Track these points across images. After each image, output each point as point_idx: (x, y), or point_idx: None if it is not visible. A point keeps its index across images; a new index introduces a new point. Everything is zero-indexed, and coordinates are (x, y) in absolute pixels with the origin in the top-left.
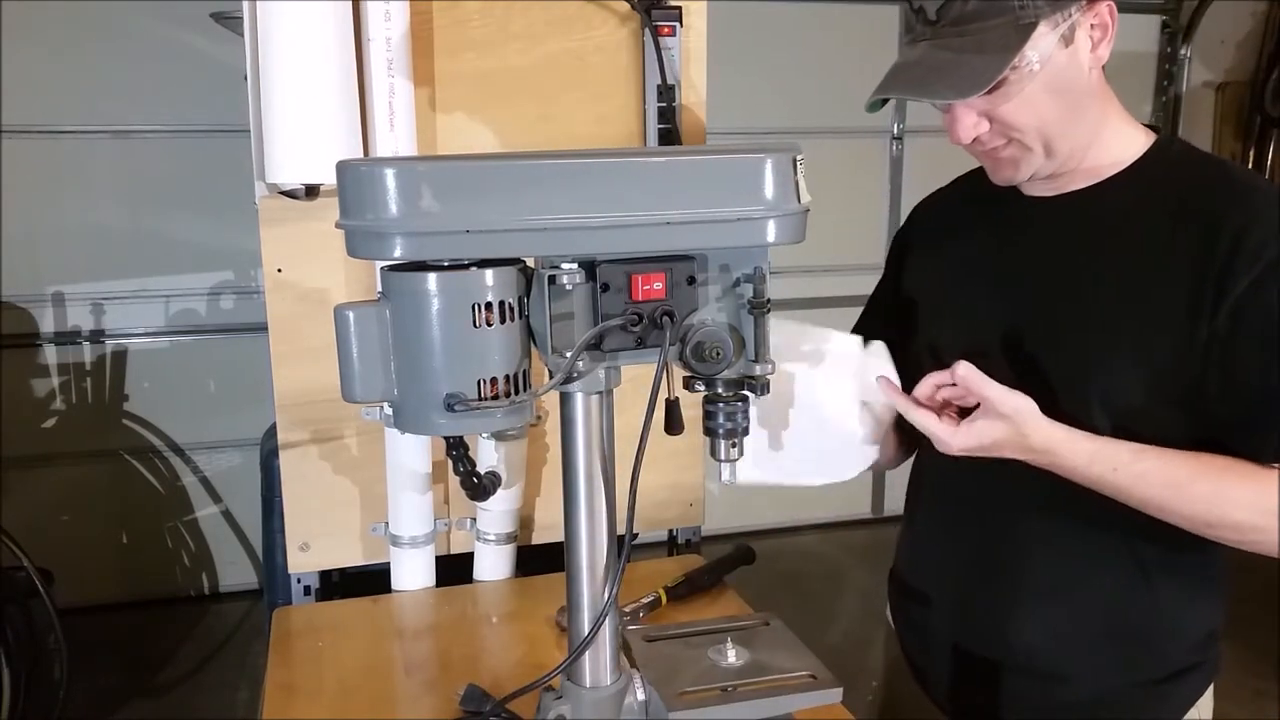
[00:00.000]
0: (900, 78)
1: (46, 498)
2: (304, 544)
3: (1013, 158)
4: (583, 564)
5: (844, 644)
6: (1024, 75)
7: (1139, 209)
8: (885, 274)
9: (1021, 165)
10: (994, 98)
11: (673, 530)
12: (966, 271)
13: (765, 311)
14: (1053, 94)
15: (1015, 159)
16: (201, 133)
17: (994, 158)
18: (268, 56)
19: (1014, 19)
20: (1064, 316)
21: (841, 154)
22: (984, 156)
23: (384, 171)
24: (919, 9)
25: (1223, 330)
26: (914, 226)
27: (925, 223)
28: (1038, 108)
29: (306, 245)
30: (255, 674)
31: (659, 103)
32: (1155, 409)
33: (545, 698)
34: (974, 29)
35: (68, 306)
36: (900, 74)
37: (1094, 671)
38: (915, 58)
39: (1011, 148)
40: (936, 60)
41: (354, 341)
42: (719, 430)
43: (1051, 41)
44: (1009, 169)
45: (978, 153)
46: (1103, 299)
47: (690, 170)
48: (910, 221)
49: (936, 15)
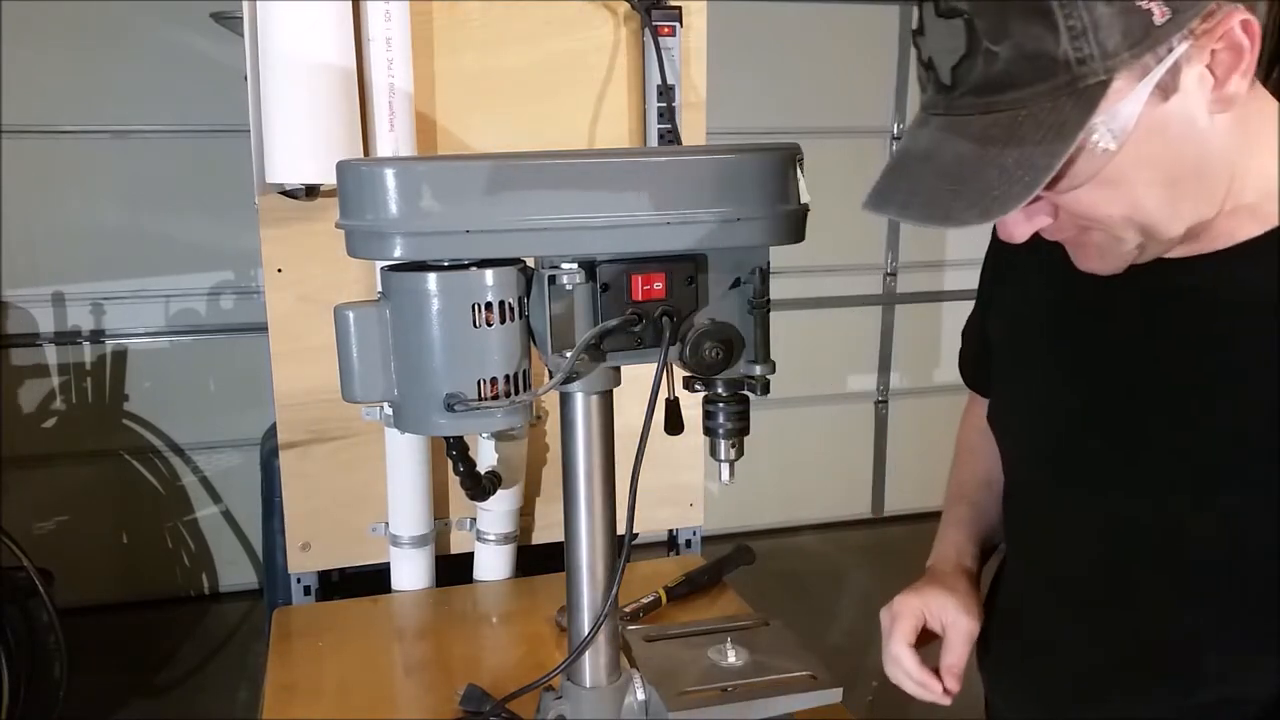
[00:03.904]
0: (901, 184)
1: (46, 498)
2: (304, 544)
3: (1097, 248)
4: (583, 564)
5: (844, 644)
6: (1097, 159)
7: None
8: (982, 276)
9: (1109, 258)
10: (1051, 189)
11: (673, 530)
12: (1047, 323)
13: (765, 311)
14: (1150, 168)
15: (1101, 250)
16: (201, 133)
17: (1072, 245)
18: (268, 56)
19: (1069, 80)
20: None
21: (841, 154)
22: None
23: (384, 171)
24: (928, 62)
25: None
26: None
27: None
28: (1126, 192)
29: (306, 245)
30: (255, 674)
31: (659, 103)
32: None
33: (545, 698)
34: (1007, 101)
35: (68, 306)
36: (902, 176)
37: None
38: (923, 147)
39: (1094, 236)
40: (951, 155)
41: (354, 341)
42: (719, 430)
43: (1139, 99)
44: (1093, 259)
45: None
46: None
47: (690, 170)
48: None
49: (952, 78)
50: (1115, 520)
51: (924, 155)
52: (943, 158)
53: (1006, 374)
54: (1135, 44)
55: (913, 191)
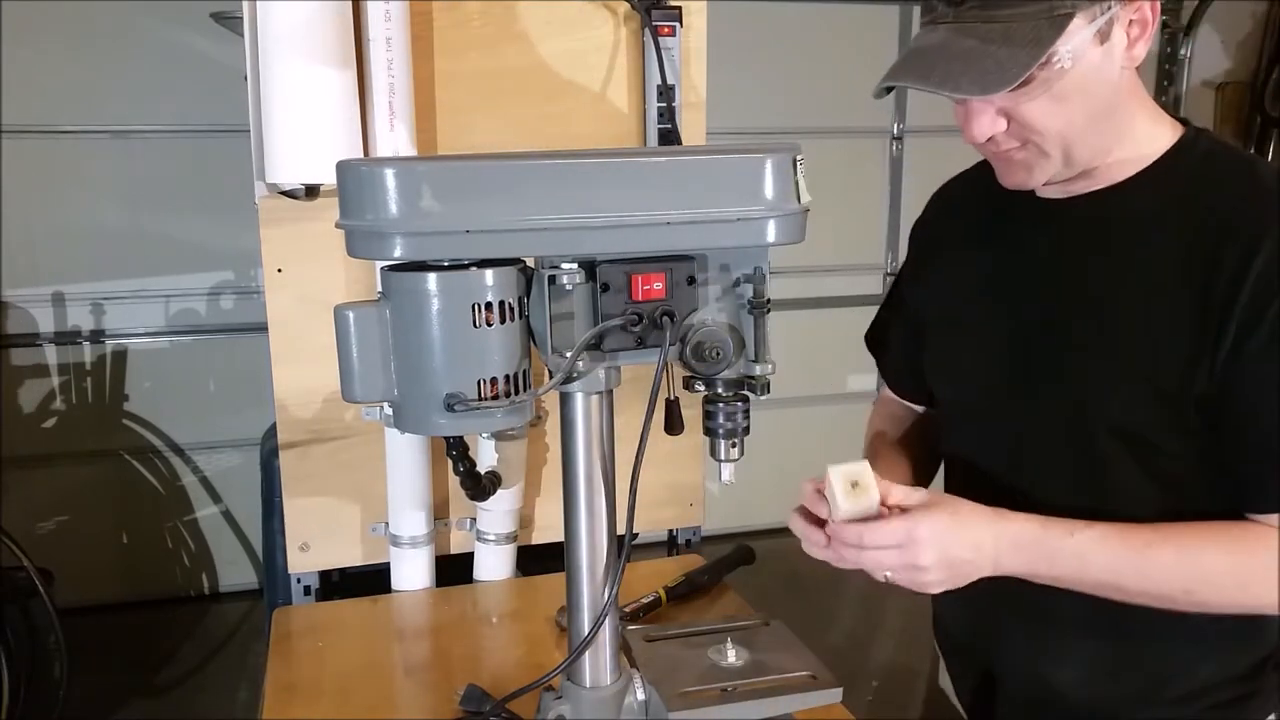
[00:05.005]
0: (915, 65)
1: (46, 498)
2: (304, 544)
3: (1026, 162)
4: (583, 564)
5: (844, 644)
6: (1053, 73)
7: (1155, 215)
8: (903, 269)
9: (1035, 171)
10: (1017, 95)
11: (673, 530)
12: (975, 280)
13: (765, 311)
14: (1081, 95)
15: (1029, 163)
16: (201, 133)
17: (1006, 159)
18: (268, 56)
19: (1048, 8)
20: (1071, 335)
21: (841, 154)
22: (995, 157)
23: (384, 171)
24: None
25: (1226, 357)
26: (929, 220)
27: (940, 218)
28: (1063, 110)
29: (306, 245)
30: (255, 674)
31: (659, 103)
32: (1168, 442)
33: (545, 698)
34: (1003, 15)
35: (68, 306)
36: (916, 61)
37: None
38: (934, 43)
39: (1027, 151)
40: (958, 48)
41: (354, 341)
42: (719, 430)
43: (1086, 37)
44: (1021, 173)
45: (989, 152)
46: (1113, 317)
47: (690, 170)
48: (926, 213)
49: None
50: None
51: (938, 47)
52: (952, 49)
53: (942, 332)
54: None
55: (928, 67)
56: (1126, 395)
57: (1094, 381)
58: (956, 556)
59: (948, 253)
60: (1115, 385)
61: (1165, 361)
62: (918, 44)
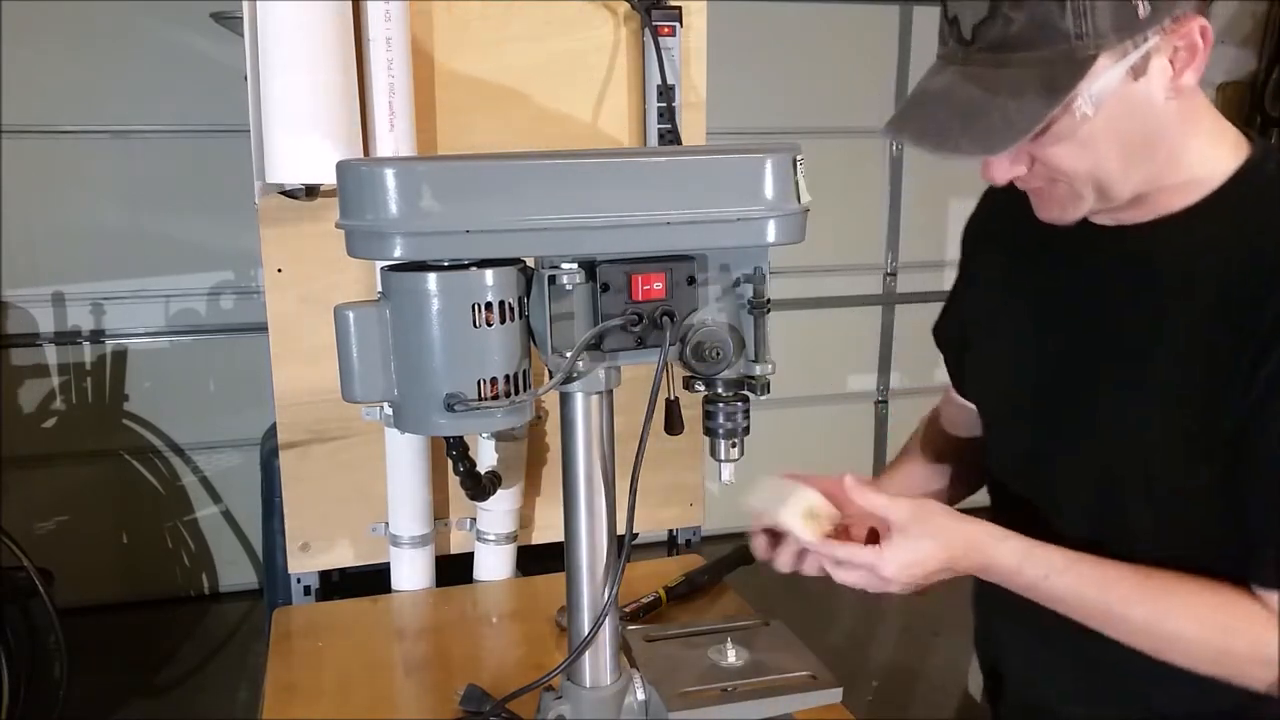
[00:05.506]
0: (915, 116)
1: (46, 498)
2: (304, 544)
3: (1059, 199)
4: (583, 564)
5: (844, 644)
6: (1075, 120)
7: (1205, 250)
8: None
9: (1069, 209)
10: (1036, 140)
11: (673, 530)
12: (1016, 297)
13: (765, 311)
14: (1112, 136)
15: (1062, 201)
16: (201, 133)
17: (1037, 195)
18: (268, 56)
19: (1066, 51)
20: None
21: (841, 154)
22: (1027, 190)
23: (384, 171)
24: (953, 19)
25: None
26: (980, 218)
27: (989, 219)
28: (1090, 153)
29: (306, 245)
30: (255, 674)
31: (659, 103)
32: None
33: (545, 698)
34: (1016, 59)
35: (68, 306)
36: (916, 110)
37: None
38: (939, 88)
39: (1059, 188)
40: (962, 97)
41: (354, 341)
42: (719, 430)
43: (1115, 76)
44: (1055, 209)
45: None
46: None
47: (690, 170)
48: (979, 210)
49: (972, 34)
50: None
51: (940, 94)
52: (956, 98)
53: (981, 340)
54: (1121, 30)
55: (927, 122)
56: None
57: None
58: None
59: (993, 257)
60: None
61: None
62: (923, 86)
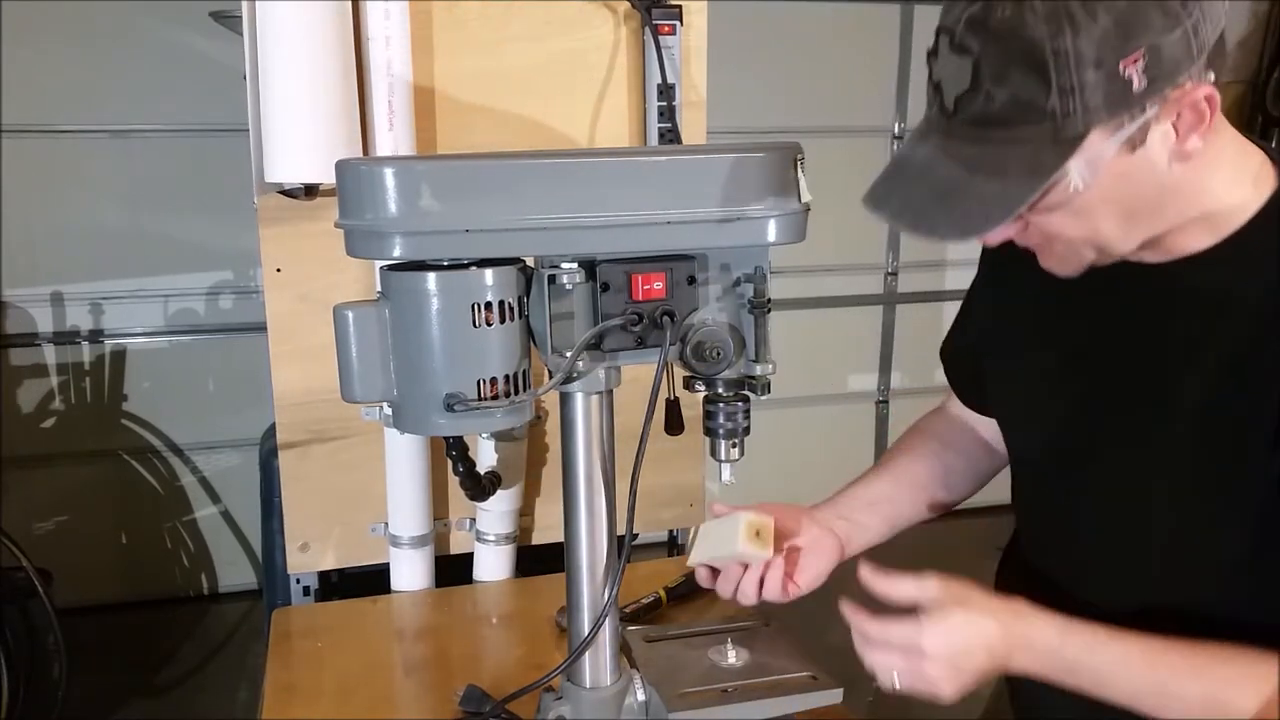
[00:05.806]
0: (897, 188)
1: (46, 498)
2: (303, 544)
3: (1058, 256)
4: (583, 564)
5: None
6: (1065, 195)
7: (1233, 293)
8: (976, 277)
9: (1070, 265)
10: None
11: (673, 530)
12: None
13: (766, 311)
14: (1111, 203)
15: (1061, 258)
16: (201, 133)
17: (1037, 249)
18: (267, 56)
19: (1051, 130)
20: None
21: (841, 154)
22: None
23: (383, 171)
24: (937, 84)
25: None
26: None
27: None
28: (1088, 220)
29: (306, 245)
30: (255, 674)
31: (659, 102)
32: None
33: (545, 698)
34: (999, 137)
35: (67, 306)
36: (899, 182)
37: None
38: (919, 160)
39: (1057, 248)
40: (941, 175)
41: (354, 341)
42: (719, 430)
43: (1108, 151)
44: (1053, 263)
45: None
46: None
47: (690, 170)
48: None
49: (955, 105)
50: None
51: (920, 169)
52: (935, 175)
53: (1001, 367)
54: (1114, 106)
55: (906, 200)
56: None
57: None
58: (967, 666)
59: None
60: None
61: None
62: (905, 155)
